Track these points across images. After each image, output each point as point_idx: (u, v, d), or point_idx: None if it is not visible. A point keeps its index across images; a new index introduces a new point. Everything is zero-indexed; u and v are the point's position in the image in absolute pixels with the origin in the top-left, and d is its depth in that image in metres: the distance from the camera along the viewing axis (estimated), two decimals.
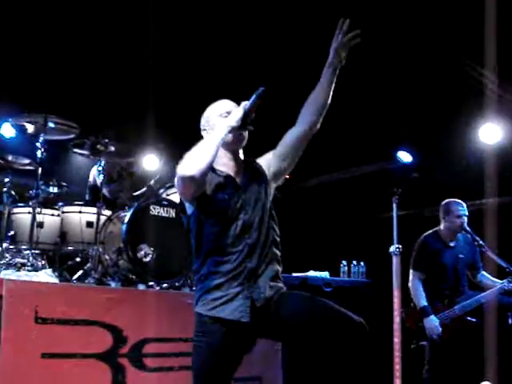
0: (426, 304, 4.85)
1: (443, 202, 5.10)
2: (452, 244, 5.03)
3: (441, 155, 6.97)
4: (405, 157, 5.66)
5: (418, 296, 4.90)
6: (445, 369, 4.78)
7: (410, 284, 4.93)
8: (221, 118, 2.76)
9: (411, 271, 4.98)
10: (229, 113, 2.74)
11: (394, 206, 3.36)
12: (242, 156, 2.86)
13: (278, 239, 2.79)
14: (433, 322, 4.79)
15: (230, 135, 2.70)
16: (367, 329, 2.46)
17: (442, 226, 5.06)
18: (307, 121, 2.75)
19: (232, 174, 2.77)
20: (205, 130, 2.84)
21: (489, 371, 4.35)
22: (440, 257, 4.96)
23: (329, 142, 5.91)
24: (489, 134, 6.40)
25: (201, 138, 2.88)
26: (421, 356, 4.91)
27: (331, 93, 2.73)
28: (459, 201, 5.04)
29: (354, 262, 6.97)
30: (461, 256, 5.00)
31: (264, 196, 2.76)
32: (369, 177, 7.12)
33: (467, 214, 4.97)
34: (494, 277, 5.06)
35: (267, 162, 2.86)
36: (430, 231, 5.11)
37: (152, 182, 5.42)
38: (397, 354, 3.14)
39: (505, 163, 6.18)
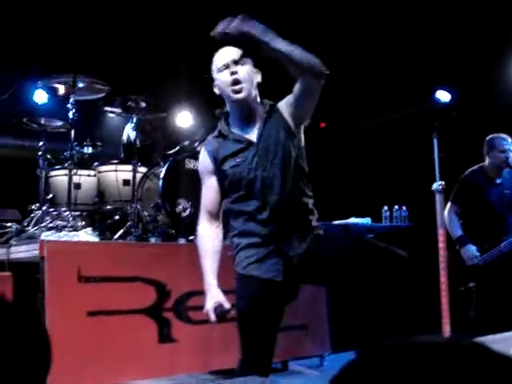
0: (462, 233, 4.77)
1: (487, 138, 4.92)
2: (498, 181, 4.87)
3: (481, 93, 6.74)
4: (444, 96, 5.45)
5: (453, 227, 4.78)
6: (492, 309, 4.68)
7: (445, 215, 4.77)
8: (219, 72, 2.59)
9: (449, 203, 4.82)
10: (226, 66, 2.56)
11: (435, 141, 3.21)
12: (257, 101, 2.64)
13: (308, 188, 2.65)
14: (470, 251, 4.71)
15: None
16: (410, 261, 2.40)
17: (486, 162, 4.90)
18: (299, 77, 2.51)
19: (246, 128, 2.62)
20: (212, 76, 2.67)
21: None
22: (485, 193, 4.81)
23: (367, 88, 5.75)
24: None
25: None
26: (469, 298, 4.83)
27: (290, 55, 2.39)
28: (504, 135, 4.84)
29: (396, 207, 6.84)
30: (506, 192, 4.83)
31: (285, 144, 2.57)
32: (408, 118, 6.93)
33: None
34: None
35: (286, 106, 2.63)
36: (475, 166, 4.95)
37: (186, 143, 5.33)
38: (444, 293, 3.04)
39: None
